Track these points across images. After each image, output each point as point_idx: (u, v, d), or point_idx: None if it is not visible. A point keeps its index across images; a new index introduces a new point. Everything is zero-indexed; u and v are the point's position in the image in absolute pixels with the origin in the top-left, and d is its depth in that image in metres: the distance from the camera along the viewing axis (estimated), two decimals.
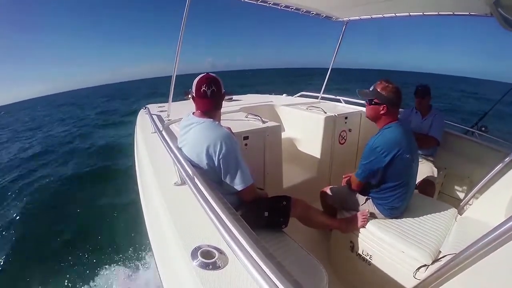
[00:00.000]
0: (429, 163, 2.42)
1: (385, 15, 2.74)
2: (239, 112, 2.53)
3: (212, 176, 1.30)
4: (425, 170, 2.31)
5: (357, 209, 1.63)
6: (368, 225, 1.50)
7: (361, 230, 1.52)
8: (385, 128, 1.49)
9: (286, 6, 2.63)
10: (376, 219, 1.55)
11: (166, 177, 1.33)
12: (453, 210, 1.66)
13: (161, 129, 1.83)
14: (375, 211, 1.56)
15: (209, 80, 1.32)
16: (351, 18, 3.11)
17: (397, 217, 1.55)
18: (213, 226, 0.83)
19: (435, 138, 2.35)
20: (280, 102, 3.33)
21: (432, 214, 1.59)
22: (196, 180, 1.08)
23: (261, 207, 1.41)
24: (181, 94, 3.22)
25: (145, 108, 2.88)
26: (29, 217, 4.78)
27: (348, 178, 1.74)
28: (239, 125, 1.97)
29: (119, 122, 13.62)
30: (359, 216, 1.54)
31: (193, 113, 1.42)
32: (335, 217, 1.72)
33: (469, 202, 1.67)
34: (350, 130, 2.82)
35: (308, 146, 2.70)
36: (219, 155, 1.25)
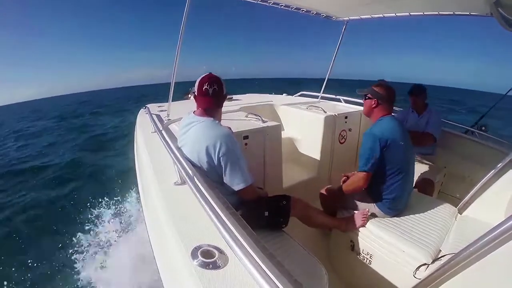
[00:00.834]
0: (429, 162, 2.43)
1: (385, 15, 2.74)
2: (239, 112, 2.53)
3: (213, 175, 1.30)
4: (425, 169, 2.31)
5: (357, 209, 1.63)
6: (368, 224, 1.51)
7: (361, 229, 1.52)
8: (378, 120, 1.58)
9: (286, 6, 2.62)
10: (377, 218, 1.55)
11: (166, 177, 1.33)
12: (453, 209, 1.66)
13: (161, 129, 1.83)
14: (375, 209, 1.56)
15: (212, 79, 1.34)
16: (351, 18, 3.11)
17: (397, 216, 1.56)
18: (213, 226, 0.83)
19: (431, 134, 2.34)
20: (280, 102, 3.33)
21: (432, 213, 1.59)
22: (196, 180, 1.08)
23: (261, 207, 1.42)
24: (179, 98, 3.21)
25: (145, 108, 2.88)
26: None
27: (345, 178, 1.75)
28: (239, 125, 1.97)
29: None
30: (359, 216, 1.54)
31: (194, 112, 1.43)
32: (335, 217, 1.72)
33: (469, 201, 1.67)
34: (350, 130, 2.82)
35: (308, 146, 2.70)
36: (219, 154, 1.26)
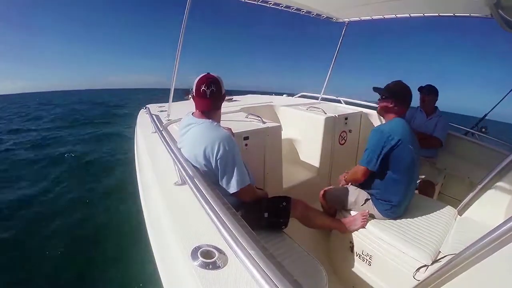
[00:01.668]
0: (429, 164, 2.42)
1: (386, 16, 2.74)
2: (239, 113, 2.53)
3: (210, 177, 1.29)
4: (425, 171, 2.31)
5: (357, 210, 1.63)
6: (368, 226, 1.51)
7: (361, 231, 1.52)
8: (390, 121, 1.57)
9: (287, 7, 2.63)
10: (376, 219, 1.55)
11: (166, 177, 1.33)
12: (453, 211, 1.66)
13: (161, 129, 1.83)
14: (375, 212, 1.56)
15: (209, 80, 1.30)
16: (352, 19, 3.12)
17: (397, 217, 1.55)
18: (213, 226, 0.83)
19: (439, 139, 2.34)
20: (280, 103, 3.33)
21: (432, 215, 1.59)
22: (196, 180, 1.08)
23: (261, 208, 1.41)
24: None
25: (145, 108, 2.89)
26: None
27: (347, 176, 1.75)
28: (239, 126, 1.97)
29: None
30: (359, 217, 1.54)
31: (193, 113, 1.42)
32: (335, 218, 1.72)
33: (469, 203, 1.67)
34: (350, 131, 2.82)
35: (308, 147, 2.70)
36: (217, 156, 1.25)
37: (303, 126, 2.77)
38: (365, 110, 3.04)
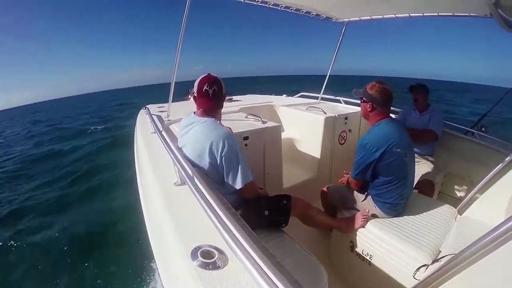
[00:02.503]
0: (429, 163, 2.42)
1: (385, 16, 2.74)
2: (239, 113, 2.53)
3: (214, 175, 1.31)
4: (425, 170, 2.31)
5: (358, 207, 1.64)
6: (368, 225, 1.51)
7: (361, 230, 1.52)
8: (375, 126, 1.55)
9: (286, 7, 2.63)
10: (376, 219, 1.55)
11: (166, 177, 1.33)
12: (453, 210, 1.66)
13: (161, 129, 1.84)
14: (375, 209, 1.57)
15: (211, 80, 1.34)
16: (351, 19, 3.12)
17: (397, 217, 1.56)
18: (213, 226, 0.83)
19: (434, 132, 2.34)
20: (280, 103, 3.33)
21: (432, 214, 1.59)
22: (196, 180, 1.08)
23: (261, 206, 1.42)
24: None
25: (145, 108, 2.89)
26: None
27: (348, 178, 1.75)
28: (239, 125, 1.98)
29: None
30: (359, 216, 1.54)
31: (194, 113, 1.43)
32: (335, 217, 1.72)
33: (469, 202, 1.67)
34: (350, 131, 2.82)
35: (308, 147, 2.70)
36: (222, 153, 1.27)
37: (303, 126, 2.77)
38: None
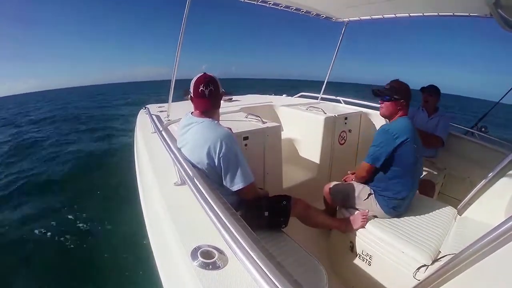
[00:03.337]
0: (429, 164, 2.43)
1: (385, 16, 2.74)
2: (239, 113, 2.53)
3: (213, 176, 1.30)
4: (425, 171, 2.31)
5: (359, 206, 1.63)
6: (368, 225, 1.51)
7: (361, 230, 1.52)
8: (396, 120, 1.58)
9: (286, 7, 2.63)
10: (376, 219, 1.55)
11: (166, 177, 1.33)
12: (453, 211, 1.66)
13: (161, 129, 1.83)
14: (376, 208, 1.57)
15: (207, 80, 1.31)
16: (351, 19, 3.12)
17: (397, 217, 1.56)
18: (213, 226, 0.83)
19: (441, 138, 2.33)
20: (280, 103, 3.33)
21: (432, 215, 1.59)
22: (196, 180, 1.08)
23: (261, 207, 1.41)
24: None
25: (145, 108, 2.88)
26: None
27: (353, 175, 1.76)
28: (239, 126, 1.97)
29: None
30: (359, 216, 1.54)
31: (192, 113, 1.42)
32: (335, 217, 1.72)
33: (469, 203, 1.68)
34: (350, 131, 2.82)
35: (308, 147, 2.70)
36: (220, 154, 1.25)
37: (303, 126, 2.77)
38: (365, 110, 3.04)
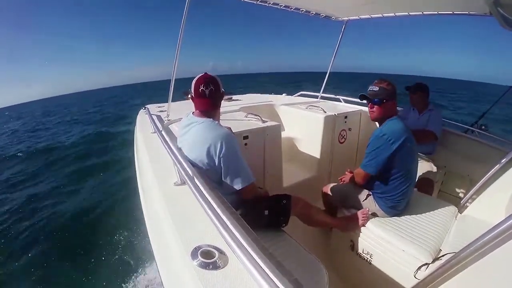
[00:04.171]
0: (429, 162, 2.42)
1: (385, 15, 2.74)
2: (239, 112, 2.53)
3: (213, 176, 1.30)
4: (425, 169, 2.31)
5: (358, 207, 1.63)
6: (368, 224, 1.51)
7: (362, 229, 1.52)
8: (389, 121, 1.52)
9: (286, 6, 2.63)
10: (377, 218, 1.55)
11: (166, 177, 1.33)
12: (453, 209, 1.66)
13: (161, 129, 1.83)
14: (376, 208, 1.56)
15: (207, 80, 1.31)
16: (351, 18, 3.12)
17: (398, 216, 1.56)
18: (213, 226, 0.83)
19: (433, 132, 2.34)
20: (280, 102, 3.33)
21: (433, 213, 1.59)
22: (196, 180, 1.08)
23: (261, 206, 1.41)
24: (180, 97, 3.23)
25: (145, 108, 2.88)
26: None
27: (350, 176, 1.75)
28: (239, 125, 1.97)
29: None
30: (359, 215, 1.54)
31: (193, 113, 1.42)
32: (335, 216, 1.72)
33: (469, 201, 1.67)
34: (350, 129, 2.82)
35: (308, 146, 2.70)
36: (220, 154, 1.25)
37: (303, 125, 2.77)
38: (365, 109, 3.04)
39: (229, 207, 0.92)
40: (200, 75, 1.34)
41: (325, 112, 2.62)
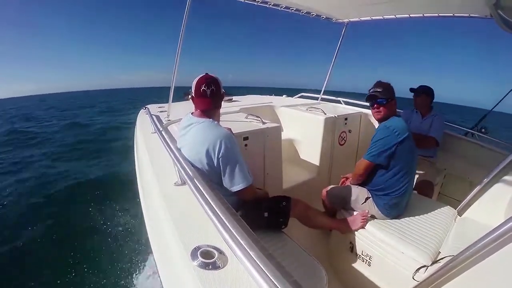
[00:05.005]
0: (428, 164, 2.43)
1: (385, 17, 2.74)
2: (239, 113, 2.53)
3: (212, 176, 1.30)
4: (424, 171, 2.31)
5: (357, 209, 1.63)
6: (368, 226, 1.51)
7: (361, 231, 1.52)
8: (392, 118, 1.57)
9: (287, 7, 2.63)
10: (376, 220, 1.55)
11: (166, 177, 1.33)
12: (453, 211, 1.66)
13: (161, 129, 1.84)
14: (375, 211, 1.57)
15: (209, 80, 1.32)
16: (351, 20, 3.12)
17: (397, 218, 1.56)
18: (213, 226, 0.83)
19: (434, 139, 2.33)
20: (280, 103, 3.33)
21: (432, 215, 1.59)
22: (196, 180, 1.08)
23: (261, 208, 1.42)
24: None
25: (145, 109, 2.89)
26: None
27: (344, 180, 1.76)
28: (239, 126, 1.98)
29: None
30: (359, 217, 1.54)
31: (192, 113, 1.43)
32: (335, 218, 1.72)
33: (469, 203, 1.68)
34: (350, 131, 2.82)
35: (308, 147, 2.70)
36: (219, 155, 1.26)
37: (303, 127, 2.77)
38: (365, 111, 3.05)
39: (229, 208, 0.92)
40: (201, 76, 1.35)
41: (325, 114, 2.62)
